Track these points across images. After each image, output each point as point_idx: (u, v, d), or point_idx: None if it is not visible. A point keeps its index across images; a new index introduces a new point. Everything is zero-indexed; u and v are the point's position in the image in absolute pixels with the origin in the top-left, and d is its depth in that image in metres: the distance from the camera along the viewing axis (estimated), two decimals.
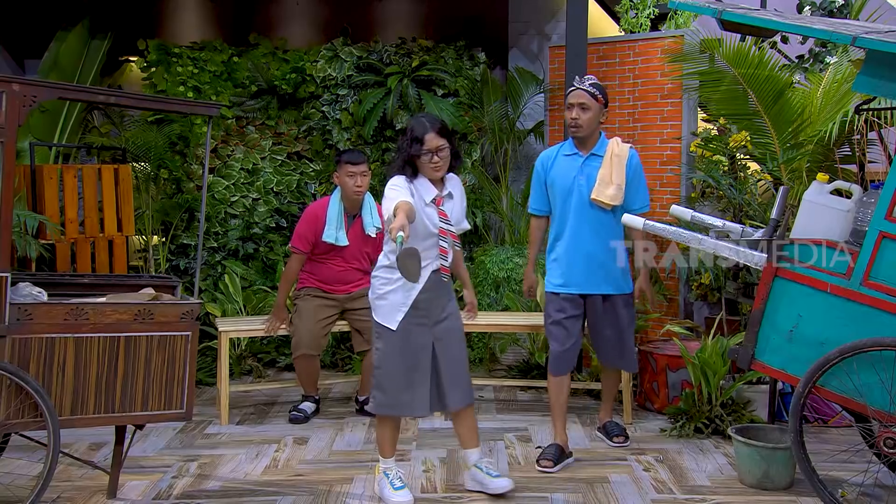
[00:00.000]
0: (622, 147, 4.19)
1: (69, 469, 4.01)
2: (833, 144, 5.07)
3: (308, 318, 4.84)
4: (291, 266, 4.90)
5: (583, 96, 4.12)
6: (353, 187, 4.74)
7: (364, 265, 4.95)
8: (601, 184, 4.13)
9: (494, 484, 3.72)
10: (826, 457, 4.05)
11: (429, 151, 3.52)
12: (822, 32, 3.53)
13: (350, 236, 4.84)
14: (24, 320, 3.23)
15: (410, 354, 3.59)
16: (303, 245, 4.83)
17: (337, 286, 4.91)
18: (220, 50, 6.32)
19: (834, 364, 3.35)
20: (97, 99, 3.74)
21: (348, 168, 4.74)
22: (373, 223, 4.82)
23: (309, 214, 4.85)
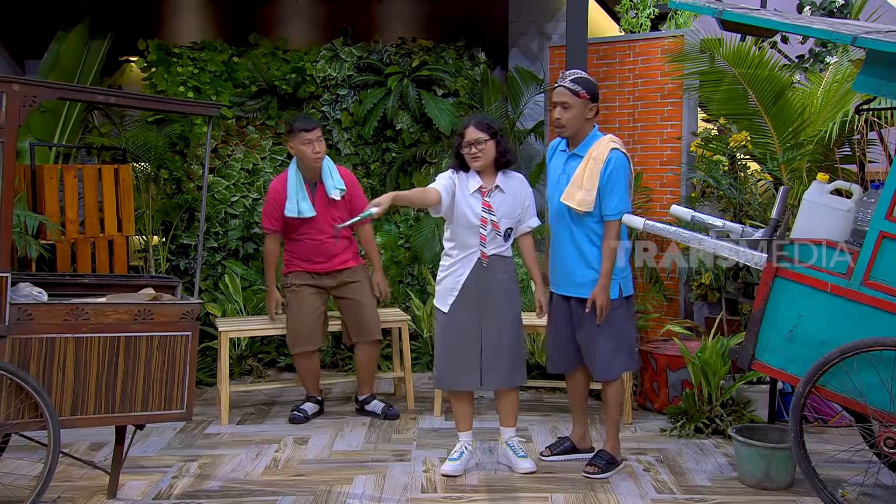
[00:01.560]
0: (602, 149, 3.88)
1: (69, 469, 4.01)
2: (833, 144, 5.07)
3: (300, 311, 4.80)
4: (267, 247, 4.87)
5: (563, 94, 3.89)
6: (312, 154, 4.64)
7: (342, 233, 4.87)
8: (572, 186, 3.91)
9: (519, 464, 4.05)
10: (826, 457, 4.05)
11: (468, 143, 3.90)
12: (822, 32, 3.53)
13: (316, 206, 4.73)
14: (25, 320, 3.23)
15: (460, 335, 3.96)
16: (271, 224, 4.78)
17: (321, 261, 4.82)
18: (220, 50, 6.32)
19: (834, 364, 3.35)
20: (97, 99, 3.74)
21: (304, 136, 4.62)
22: (335, 186, 4.75)
23: (271, 192, 4.78)
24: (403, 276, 6.42)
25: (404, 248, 6.41)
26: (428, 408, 5.09)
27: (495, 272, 3.97)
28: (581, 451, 4.23)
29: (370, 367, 4.98)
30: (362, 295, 4.89)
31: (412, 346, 5.72)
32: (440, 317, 4.01)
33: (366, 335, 4.89)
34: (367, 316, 4.89)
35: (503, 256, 3.99)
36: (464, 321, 3.95)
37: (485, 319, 3.96)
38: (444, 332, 4.00)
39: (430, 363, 5.93)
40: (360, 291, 4.89)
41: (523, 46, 6.82)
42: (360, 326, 4.88)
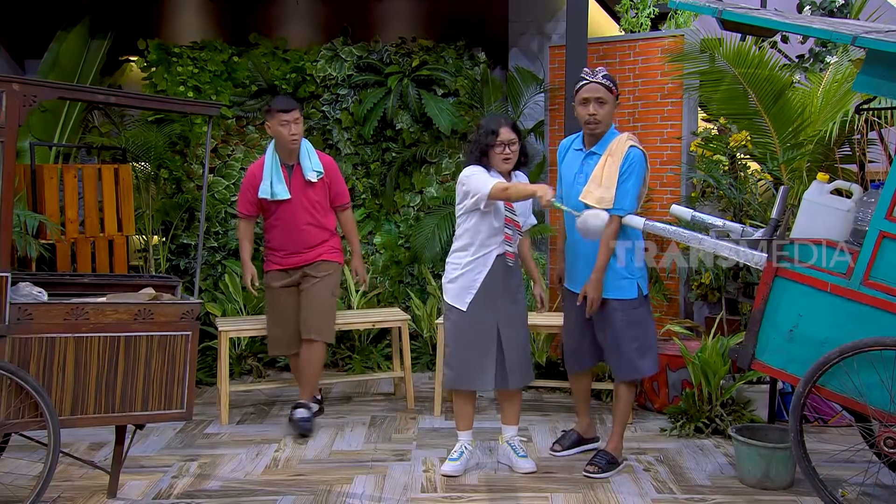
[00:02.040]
0: (621, 146, 3.90)
1: (69, 469, 4.01)
2: (833, 144, 5.07)
3: (278, 316, 4.71)
4: (240, 229, 4.74)
5: (599, 90, 3.90)
6: (289, 136, 4.52)
7: (319, 218, 4.66)
8: (591, 184, 3.92)
9: (518, 463, 4.06)
10: (826, 456, 4.05)
11: (502, 143, 3.87)
12: (822, 32, 3.53)
13: (293, 189, 4.58)
14: (25, 320, 3.23)
15: (477, 334, 3.92)
16: (245, 209, 4.66)
17: (299, 251, 4.63)
18: (220, 50, 6.31)
19: (834, 364, 3.36)
20: (97, 99, 3.74)
21: (281, 116, 4.49)
22: (312, 168, 4.62)
23: (247, 175, 4.66)
24: (403, 275, 6.42)
25: (404, 247, 6.41)
26: (428, 408, 5.09)
27: (516, 271, 4.03)
28: (587, 440, 4.35)
29: (310, 371, 4.67)
30: (322, 290, 4.65)
31: (412, 346, 5.72)
32: (455, 316, 3.95)
33: (311, 332, 4.61)
34: (319, 312, 4.63)
35: (517, 254, 4.05)
36: (482, 320, 3.91)
37: (503, 319, 3.95)
38: (460, 331, 3.95)
39: (430, 363, 5.93)
40: (321, 286, 4.65)
41: (523, 46, 6.82)
42: (308, 322, 4.62)
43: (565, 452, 4.30)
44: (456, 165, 6.38)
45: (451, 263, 3.99)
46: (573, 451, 4.32)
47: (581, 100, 3.95)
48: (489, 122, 3.98)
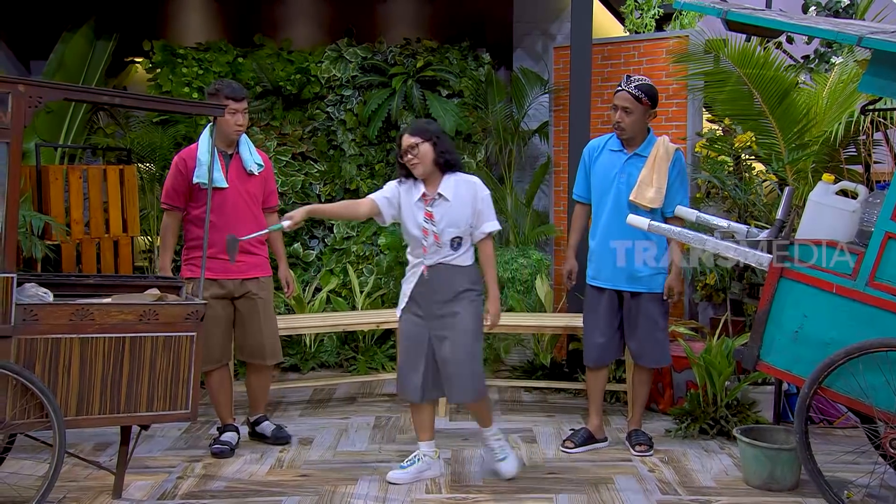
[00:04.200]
0: (668, 148, 4.17)
1: (74, 469, 4.01)
2: (839, 145, 5.06)
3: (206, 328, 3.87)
4: (165, 223, 4.29)
5: (626, 99, 4.12)
6: (234, 125, 4.20)
7: (256, 214, 4.33)
8: (641, 185, 4.13)
9: (500, 468, 3.97)
10: (832, 458, 4.03)
11: (403, 152, 3.77)
12: (827, 33, 3.52)
13: (230, 178, 4.23)
14: (30, 321, 3.23)
15: (408, 342, 3.86)
16: (173, 199, 4.23)
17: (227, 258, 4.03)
18: (224, 51, 6.33)
19: (839, 365, 3.35)
20: (102, 100, 3.74)
21: (231, 104, 4.16)
22: (253, 160, 4.33)
23: (176, 163, 4.23)
24: None
25: None
26: None
27: (443, 283, 3.77)
28: (598, 440, 4.42)
29: (264, 391, 4.55)
30: (267, 313, 4.38)
31: None
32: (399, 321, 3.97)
33: (267, 357, 4.39)
34: (269, 337, 4.38)
35: (456, 266, 3.78)
36: (412, 330, 3.85)
37: (435, 331, 3.80)
38: (399, 338, 3.97)
39: None
40: (265, 309, 4.36)
41: (528, 47, 6.82)
42: (260, 349, 4.36)
43: (578, 450, 4.33)
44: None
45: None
46: (584, 448, 4.36)
47: (612, 105, 4.23)
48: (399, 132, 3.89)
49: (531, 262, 5.95)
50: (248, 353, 4.41)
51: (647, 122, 4.22)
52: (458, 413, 5.05)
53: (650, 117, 4.21)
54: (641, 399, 4.44)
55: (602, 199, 4.27)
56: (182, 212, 4.28)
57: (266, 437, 4.51)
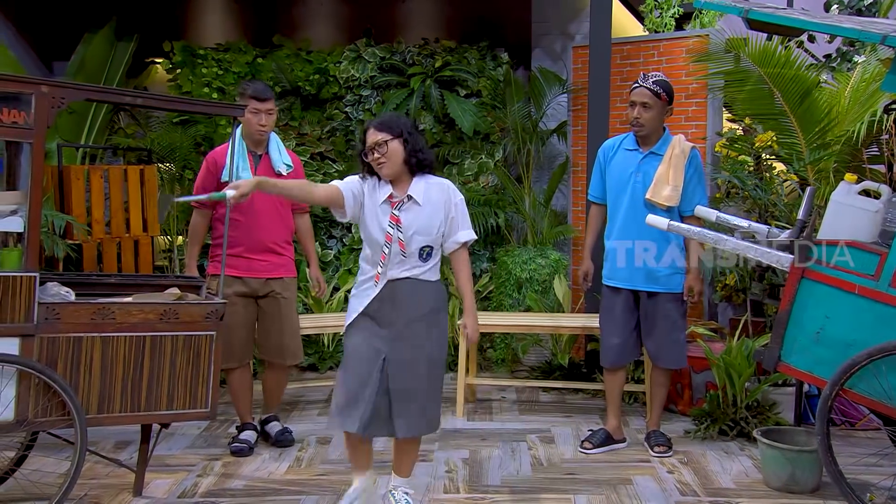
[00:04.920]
0: (684, 146, 4.17)
1: (95, 467, 4.04)
2: (861, 144, 5.00)
3: (229, 323, 4.06)
4: (194, 221, 4.34)
5: (645, 95, 4.13)
6: (257, 125, 4.23)
7: (283, 214, 4.36)
8: (658, 184, 4.13)
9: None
10: (854, 460, 3.99)
11: (368, 149, 3.27)
12: (850, 31, 3.49)
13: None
14: (52, 319, 3.26)
15: (356, 363, 3.28)
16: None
17: (254, 257, 4.26)
18: (244, 51, 6.35)
19: (862, 366, 3.32)
20: (124, 100, 3.76)
21: (253, 104, 4.20)
22: (282, 160, 4.35)
23: (207, 161, 4.30)
24: None
25: None
26: (450, 408, 5.08)
27: (407, 301, 3.29)
28: (616, 441, 4.41)
29: (280, 391, 4.59)
30: (289, 314, 4.40)
31: None
32: (345, 335, 3.40)
33: (287, 358, 4.43)
34: (290, 338, 4.41)
35: (421, 280, 3.30)
36: (362, 350, 3.28)
37: (391, 353, 3.27)
38: (345, 355, 3.36)
39: (451, 363, 5.92)
40: (288, 309, 4.39)
41: (546, 47, 6.80)
42: (281, 349, 4.39)
43: (596, 450, 4.32)
44: (479, 166, 6.37)
45: (356, 278, 3.46)
46: (602, 449, 4.35)
47: (630, 102, 4.22)
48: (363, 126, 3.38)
49: (549, 262, 5.93)
50: (268, 352, 4.43)
51: (664, 119, 4.23)
52: (475, 413, 5.05)
53: (667, 114, 4.23)
54: (660, 400, 4.43)
55: (618, 199, 4.27)
56: (210, 211, 4.33)
57: (269, 437, 4.49)
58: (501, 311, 5.86)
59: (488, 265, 6.36)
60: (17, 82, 3.21)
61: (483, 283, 6.25)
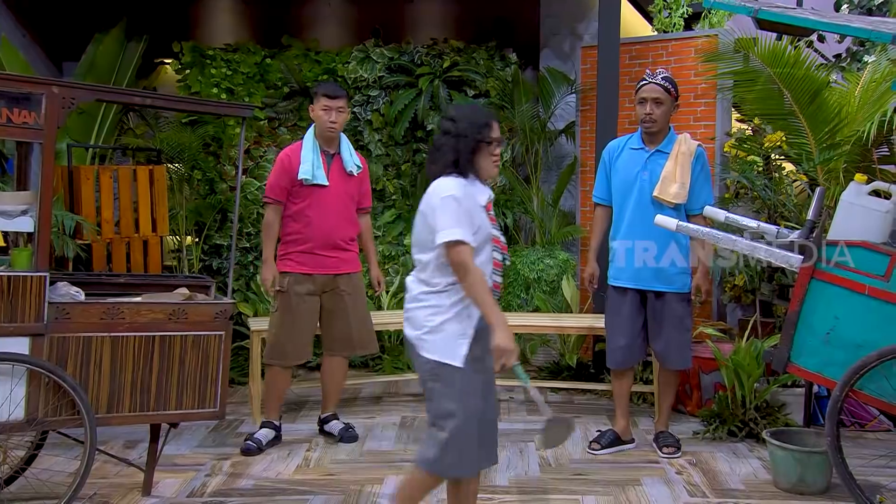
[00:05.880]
0: (690, 144, 4.18)
1: (105, 466, 4.06)
2: (871, 145, 4.98)
3: (296, 324, 4.36)
4: (268, 218, 4.38)
5: (657, 90, 4.14)
6: (328, 122, 4.31)
7: (352, 213, 4.47)
8: (665, 181, 4.14)
9: None
10: (863, 461, 3.98)
11: (496, 141, 2.89)
12: (861, 31, 3.49)
13: (331, 177, 4.36)
14: (62, 319, 3.28)
15: (482, 398, 2.85)
16: (276, 194, 4.34)
17: (323, 253, 4.35)
18: (252, 52, 6.37)
19: (872, 367, 3.31)
20: (133, 101, 3.79)
21: (324, 101, 4.31)
22: (353, 161, 4.45)
23: (282, 159, 4.37)
24: None
25: None
26: None
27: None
28: (625, 441, 4.41)
29: (338, 388, 4.63)
30: (355, 306, 4.49)
31: None
32: (447, 376, 2.78)
33: (357, 348, 4.54)
34: (359, 331, 4.50)
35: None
36: (485, 378, 2.87)
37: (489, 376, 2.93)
38: (464, 397, 2.79)
39: None
40: (353, 303, 4.48)
41: (555, 47, 6.79)
42: (348, 341, 4.49)
43: (604, 451, 4.31)
44: None
45: (429, 307, 2.81)
46: (610, 450, 4.35)
47: (639, 99, 4.21)
48: (473, 112, 2.90)
49: (557, 262, 5.93)
50: (333, 346, 4.52)
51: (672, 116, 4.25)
52: None
53: (675, 110, 4.26)
54: (668, 401, 4.42)
55: (625, 199, 4.26)
56: (282, 206, 4.38)
57: (334, 435, 4.57)
58: (510, 311, 5.86)
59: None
60: (28, 83, 3.22)
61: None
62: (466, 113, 2.89)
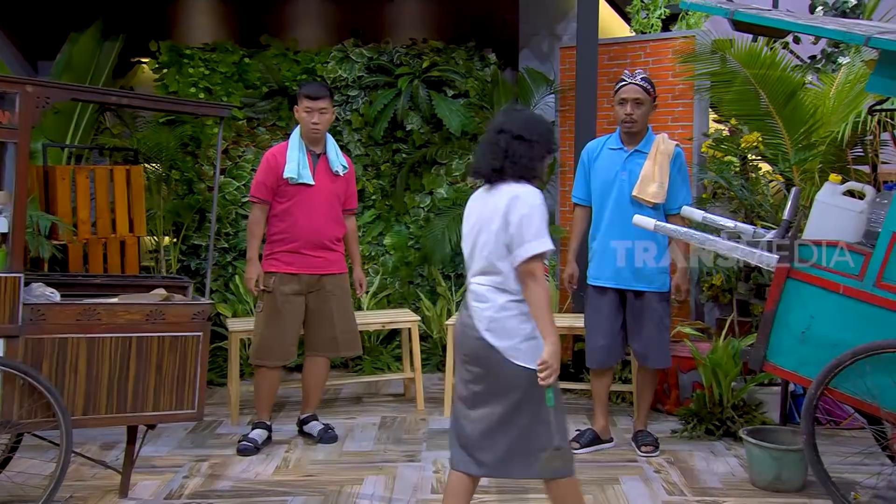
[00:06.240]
0: (668, 144, 4.22)
1: (81, 469, 4.03)
2: (845, 145, 5.04)
3: (281, 323, 4.37)
4: (254, 216, 4.41)
5: (638, 91, 4.17)
6: (310, 124, 4.32)
7: (337, 213, 4.49)
8: (644, 181, 4.17)
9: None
10: (838, 459, 4.02)
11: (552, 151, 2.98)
12: (835, 33, 3.52)
13: (316, 177, 4.38)
14: (37, 320, 3.24)
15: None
16: (261, 193, 4.36)
17: (309, 252, 4.37)
18: (231, 51, 6.34)
19: (846, 366, 3.35)
20: (109, 100, 3.76)
21: (306, 103, 4.32)
22: (339, 161, 4.47)
23: (268, 159, 4.39)
24: (414, 276, 6.43)
25: (414, 249, 6.42)
26: (438, 408, 5.09)
27: None
28: (604, 441, 4.44)
29: (319, 389, 4.63)
30: (340, 307, 4.51)
31: (422, 347, 5.72)
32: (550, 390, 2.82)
33: (341, 350, 4.55)
34: (343, 332, 4.51)
35: None
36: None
37: None
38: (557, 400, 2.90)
39: (440, 364, 5.94)
40: (339, 304, 4.50)
41: (534, 47, 6.81)
42: (332, 342, 4.50)
43: (583, 450, 4.33)
44: (467, 166, 6.38)
45: (520, 314, 2.81)
46: (589, 449, 4.37)
47: (619, 100, 4.22)
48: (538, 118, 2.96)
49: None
50: (316, 346, 4.51)
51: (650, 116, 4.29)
52: None
53: (653, 110, 4.30)
54: (647, 400, 4.45)
55: (604, 199, 4.29)
56: (268, 205, 4.40)
57: (313, 436, 4.55)
58: None
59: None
60: (2, 82, 3.19)
61: None
62: (535, 119, 2.92)
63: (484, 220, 2.84)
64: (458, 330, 2.93)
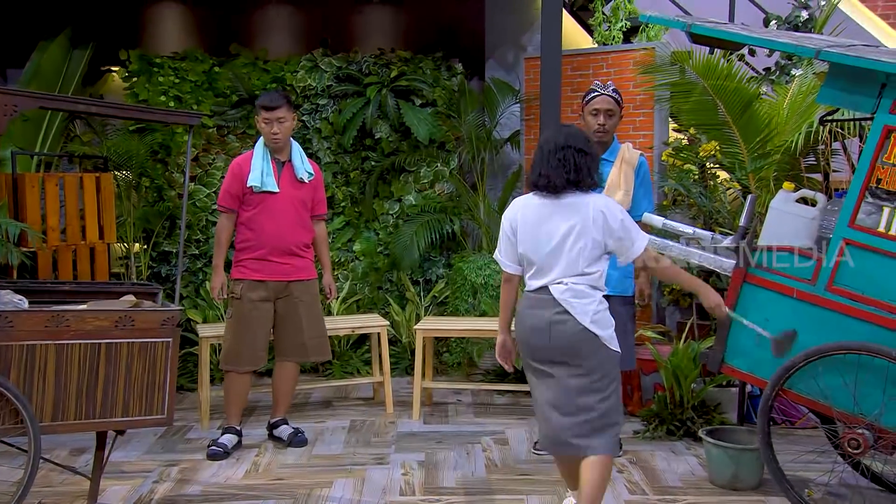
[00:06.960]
0: (632, 153, 4.32)
1: (50, 475, 4.03)
2: (799, 154, 5.18)
3: (250, 330, 4.44)
4: (221, 224, 4.50)
5: (609, 102, 4.25)
6: (270, 135, 4.37)
7: (304, 219, 4.54)
8: (609, 189, 4.26)
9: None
10: (793, 457, 4.14)
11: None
12: (787, 46, 3.65)
13: (281, 184, 4.43)
14: (5, 327, 3.25)
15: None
16: (227, 202, 4.45)
17: (276, 259, 4.42)
18: (201, 60, 6.36)
19: (800, 367, 3.44)
20: (79, 108, 3.78)
21: (263, 114, 4.36)
22: (304, 168, 4.51)
23: (233, 168, 4.46)
24: (383, 282, 6.49)
25: (383, 254, 6.48)
26: (406, 412, 5.15)
27: None
28: None
29: (289, 394, 4.69)
30: (310, 313, 4.57)
31: (391, 352, 5.78)
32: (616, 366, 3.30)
33: (311, 355, 4.63)
34: (312, 337, 4.57)
35: None
36: None
37: None
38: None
39: (408, 368, 6.00)
40: (308, 310, 4.56)
41: (499, 58, 6.92)
42: (301, 348, 4.57)
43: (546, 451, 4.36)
44: (434, 174, 6.46)
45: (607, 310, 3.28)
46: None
47: (592, 110, 4.28)
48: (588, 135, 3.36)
49: None
50: (286, 352, 4.57)
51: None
52: (431, 416, 5.12)
53: (621, 120, 4.40)
54: None
55: None
56: (234, 215, 4.48)
57: (283, 440, 4.59)
58: (457, 315, 5.95)
59: (444, 271, 6.45)
60: None
61: (439, 288, 6.34)
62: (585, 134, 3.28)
63: (577, 228, 3.15)
64: (546, 328, 3.20)
